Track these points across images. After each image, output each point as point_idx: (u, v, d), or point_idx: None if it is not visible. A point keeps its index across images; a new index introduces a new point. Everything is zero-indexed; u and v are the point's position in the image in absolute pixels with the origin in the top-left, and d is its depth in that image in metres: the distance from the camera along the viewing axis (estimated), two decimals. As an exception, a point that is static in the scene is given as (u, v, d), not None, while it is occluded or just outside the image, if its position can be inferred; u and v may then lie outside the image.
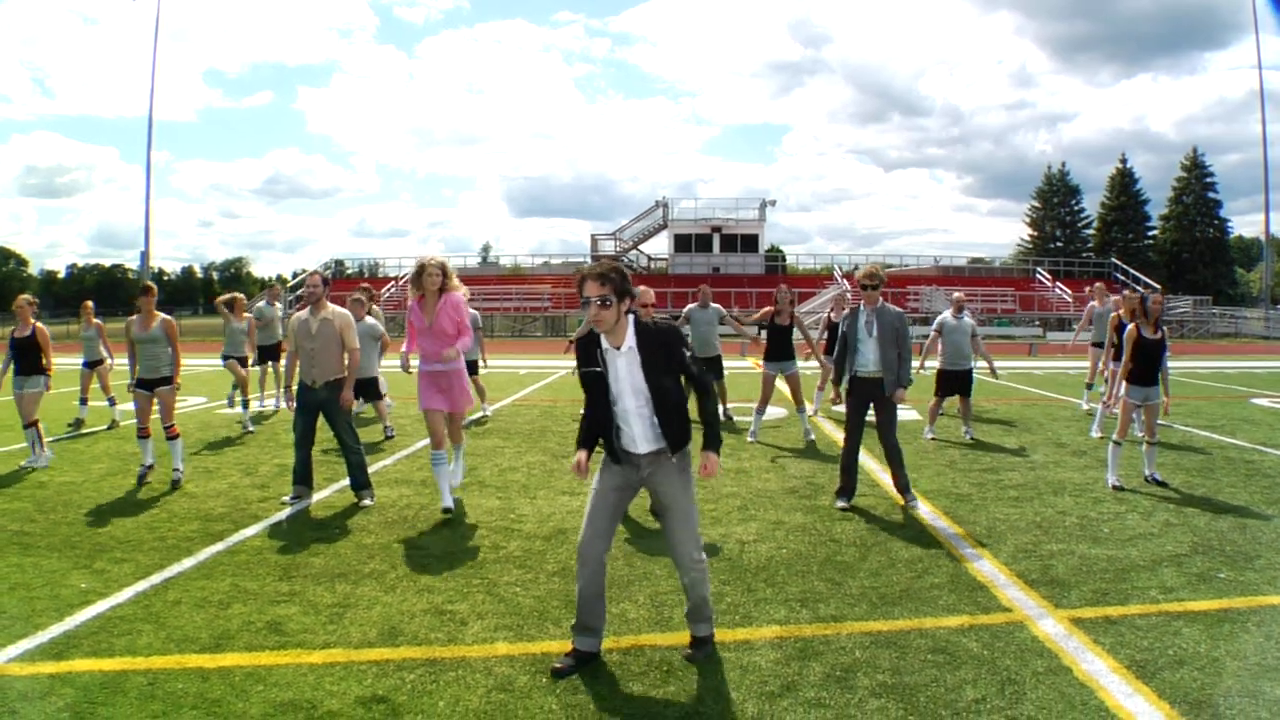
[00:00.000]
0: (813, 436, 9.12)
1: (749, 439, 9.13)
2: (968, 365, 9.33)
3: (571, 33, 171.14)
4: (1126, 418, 6.95)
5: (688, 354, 3.51)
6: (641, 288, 6.14)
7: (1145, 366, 6.80)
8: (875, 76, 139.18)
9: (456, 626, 3.96)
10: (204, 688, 3.33)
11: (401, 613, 4.13)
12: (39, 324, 7.87)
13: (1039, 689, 3.32)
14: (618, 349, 3.45)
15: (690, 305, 10.33)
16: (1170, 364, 7.10)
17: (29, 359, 7.75)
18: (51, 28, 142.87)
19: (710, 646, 3.68)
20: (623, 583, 4.52)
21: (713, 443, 3.56)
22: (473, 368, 11.62)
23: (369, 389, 9.00)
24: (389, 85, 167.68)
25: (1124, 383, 6.90)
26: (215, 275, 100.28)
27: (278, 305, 11.64)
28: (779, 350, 9.25)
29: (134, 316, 7.06)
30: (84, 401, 10.62)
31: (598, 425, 3.60)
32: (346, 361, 6.32)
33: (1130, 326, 6.92)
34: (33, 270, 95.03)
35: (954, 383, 9.30)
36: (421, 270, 5.99)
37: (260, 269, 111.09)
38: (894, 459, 6.23)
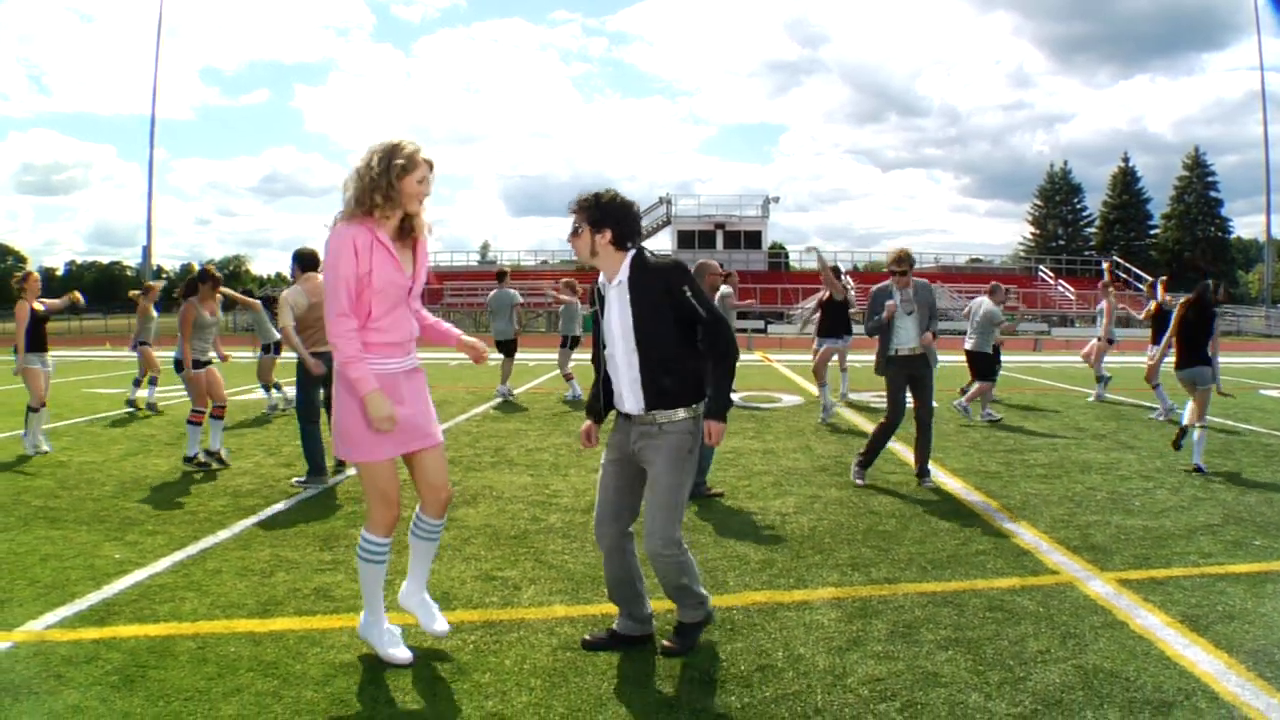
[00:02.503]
0: (831, 418, 9.29)
1: (822, 419, 9.32)
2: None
3: (569, 31, 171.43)
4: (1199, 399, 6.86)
5: (688, 291, 2.98)
6: (708, 260, 6.15)
7: (1188, 347, 6.87)
8: (872, 76, 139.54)
9: (510, 591, 3.96)
10: (257, 651, 3.28)
11: (451, 579, 4.12)
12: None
13: (1099, 641, 3.38)
14: (610, 283, 3.09)
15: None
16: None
17: (43, 336, 7.61)
18: (48, 25, 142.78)
19: (693, 637, 3.27)
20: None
21: (713, 406, 3.09)
22: (512, 347, 11.80)
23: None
24: (386, 84, 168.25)
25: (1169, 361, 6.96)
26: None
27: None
28: (836, 325, 9.75)
29: (192, 299, 7.14)
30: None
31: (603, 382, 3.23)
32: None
33: (1179, 305, 7.06)
34: (31, 267, 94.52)
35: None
36: (410, 162, 2.99)
37: (259, 267, 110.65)
38: (923, 438, 6.21)
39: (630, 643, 3.32)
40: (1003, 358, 10.15)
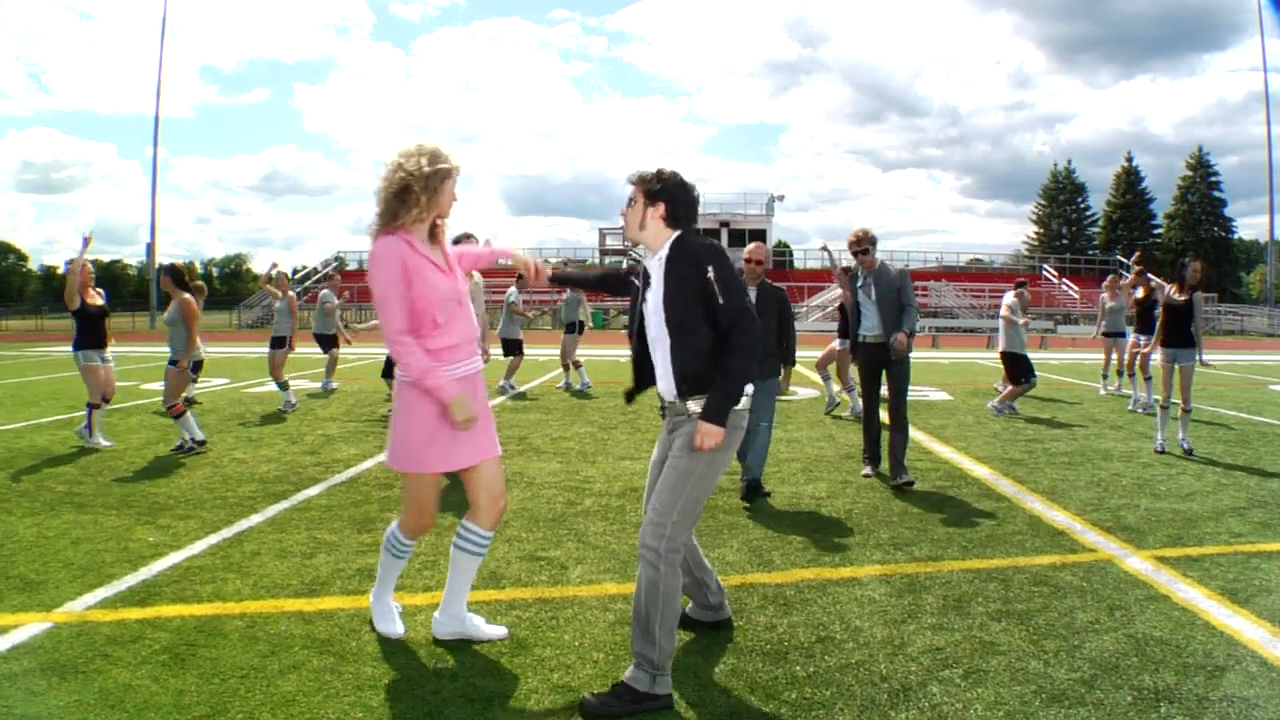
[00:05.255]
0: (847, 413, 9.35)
1: (848, 414, 9.29)
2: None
3: (568, 30, 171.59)
4: (1166, 380, 7.21)
5: (712, 273, 2.76)
6: (755, 244, 6.07)
7: (1173, 328, 7.13)
8: (872, 76, 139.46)
9: (558, 570, 4.00)
10: (309, 629, 3.27)
11: (497, 560, 4.13)
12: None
13: (1145, 612, 3.47)
14: (652, 259, 2.96)
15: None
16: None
17: (102, 332, 7.44)
18: (48, 23, 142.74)
19: (623, 706, 2.70)
20: (712, 531, 4.65)
21: (711, 406, 2.76)
22: (518, 347, 11.93)
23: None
24: (386, 82, 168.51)
25: (1158, 347, 7.27)
26: (215, 271, 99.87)
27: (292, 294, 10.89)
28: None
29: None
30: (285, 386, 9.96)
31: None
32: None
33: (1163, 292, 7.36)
34: (32, 265, 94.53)
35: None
36: (452, 168, 3.02)
37: (260, 265, 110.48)
38: (896, 433, 5.77)
39: (698, 626, 3.32)
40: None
